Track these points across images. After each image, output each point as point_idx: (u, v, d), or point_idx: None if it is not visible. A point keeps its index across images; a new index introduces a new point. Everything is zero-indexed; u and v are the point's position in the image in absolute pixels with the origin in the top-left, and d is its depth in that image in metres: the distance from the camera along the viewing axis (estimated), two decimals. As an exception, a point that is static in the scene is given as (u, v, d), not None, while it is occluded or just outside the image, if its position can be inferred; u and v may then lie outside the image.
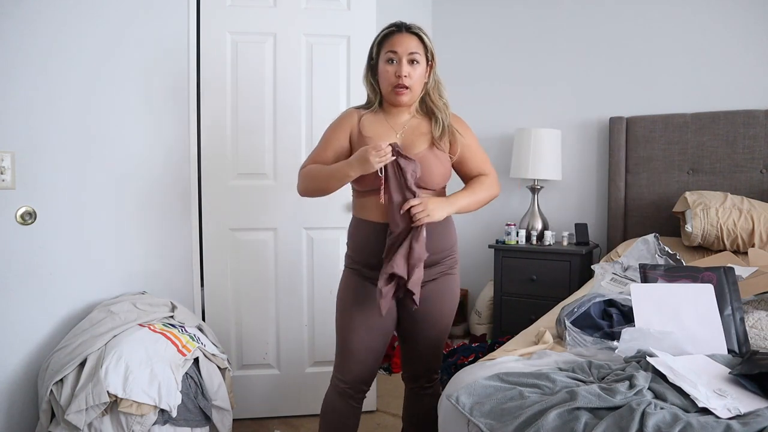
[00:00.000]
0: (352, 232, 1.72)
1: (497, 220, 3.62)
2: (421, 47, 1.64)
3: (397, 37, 1.63)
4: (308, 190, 1.71)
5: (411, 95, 1.65)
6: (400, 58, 1.61)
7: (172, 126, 2.32)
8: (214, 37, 2.34)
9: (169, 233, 2.34)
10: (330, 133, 1.71)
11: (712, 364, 1.31)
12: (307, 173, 1.69)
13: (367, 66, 1.71)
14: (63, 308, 1.99)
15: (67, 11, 1.95)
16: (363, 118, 1.69)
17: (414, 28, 1.65)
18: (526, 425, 1.12)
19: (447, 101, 1.72)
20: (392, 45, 1.62)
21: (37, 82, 1.88)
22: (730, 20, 2.96)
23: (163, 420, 1.75)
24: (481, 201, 1.74)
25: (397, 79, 1.61)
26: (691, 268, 1.69)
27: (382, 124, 1.68)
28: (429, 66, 1.68)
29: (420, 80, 1.65)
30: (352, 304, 1.67)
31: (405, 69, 1.60)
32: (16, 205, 1.84)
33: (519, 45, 3.55)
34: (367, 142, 1.62)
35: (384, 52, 1.63)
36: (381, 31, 1.67)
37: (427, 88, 1.69)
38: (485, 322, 3.49)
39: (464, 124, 1.76)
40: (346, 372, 1.69)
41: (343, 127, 1.70)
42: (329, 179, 1.63)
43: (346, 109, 1.79)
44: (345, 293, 1.71)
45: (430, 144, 1.66)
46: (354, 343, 1.67)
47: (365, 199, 1.64)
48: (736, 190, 2.83)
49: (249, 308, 2.44)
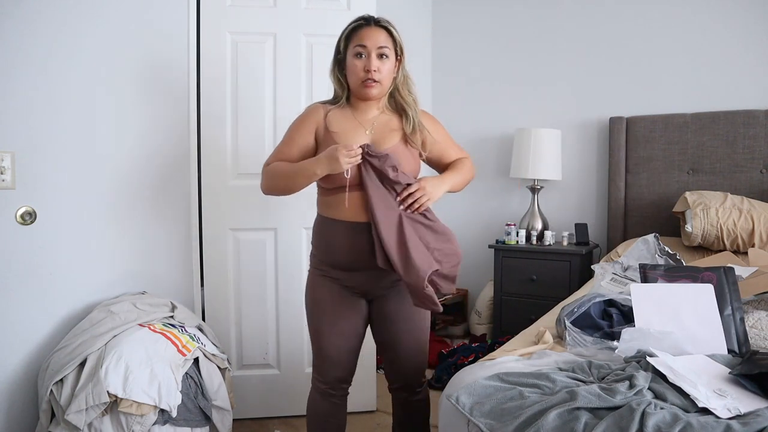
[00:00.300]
0: (317, 231, 1.68)
1: (497, 220, 3.63)
2: (390, 41, 1.60)
3: (365, 30, 1.58)
4: (273, 189, 1.66)
5: (380, 89, 1.60)
6: (369, 52, 1.56)
7: (172, 126, 2.32)
8: (214, 37, 2.34)
9: (169, 233, 2.34)
10: (295, 129, 1.66)
11: (712, 364, 1.31)
12: (272, 171, 1.63)
13: (334, 60, 1.67)
14: (63, 308, 1.99)
15: (67, 11, 1.94)
16: (329, 114, 1.64)
17: (383, 22, 1.61)
18: (526, 425, 1.12)
19: (416, 97, 1.68)
20: (361, 39, 1.58)
21: (37, 82, 1.88)
22: (730, 20, 2.96)
23: (163, 420, 1.74)
24: (466, 181, 1.74)
25: (366, 74, 1.57)
26: (691, 268, 1.69)
27: (349, 119, 1.64)
28: (398, 60, 1.64)
29: (389, 75, 1.61)
30: (321, 308, 1.64)
31: (374, 63, 1.56)
32: (16, 205, 1.84)
33: (519, 45, 3.55)
34: (335, 139, 1.58)
35: (352, 46, 1.59)
36: (349, 24, 1.63)
37: (396, 83, 1.65)
38: (485, 322, 3.49)
39: (433, 119, 1.74)
40: (324, 374, 1.68)
41: (309, 122, 1.65)
42: (295, 177, 1.57)
43: (311, 104, 1.73)
44: (312, 297, 1.68)
45: (401, 140, 1.63)
46: (328, 347, 1.65)
47: (332, 197, 1.60)
48: (736, 190, 2.83)
49: (249, 308, 2.44)
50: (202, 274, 2.43)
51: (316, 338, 1.68)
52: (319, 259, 1.67)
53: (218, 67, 2.34)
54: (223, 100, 2.36)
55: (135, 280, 2.22)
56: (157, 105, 2.27)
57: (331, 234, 1.61)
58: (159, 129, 2.28)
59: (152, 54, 2.23)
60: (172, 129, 2.32)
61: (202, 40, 2.33)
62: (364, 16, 1.62)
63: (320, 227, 1.66)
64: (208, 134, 2.36)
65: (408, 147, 1.63)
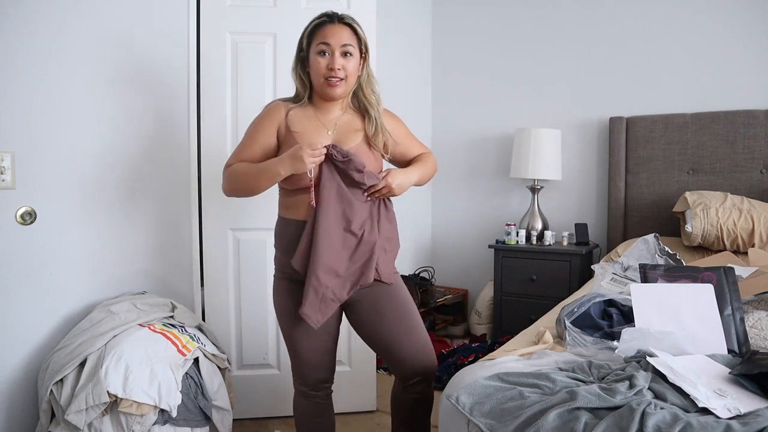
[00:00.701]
0: (279, 233, 1.65)
1: (497, 220, 3.63)
2: (354, 39, 1.57)
3: (329, 28, 1.55)
4: (236, 190, 1.62)
5: (345, 87, 1.57)
6: (333, 50, 1.53)
7: (172, 126, 2.32)
8: (214, 37, 2.34)
9: (169, 233, 2.34)
10: (256, 129, 1.62)
11: (712, 364, 1.31)
12: (234, 172, 1.59)
13: (296, 58, 1.63)
14: (63, 308, 1.99)
15: (67, 11, 1.94)
16: (291, 113, 1.61)
17: (347, 19, 1.58)
18: (526, 425, 1.12)
19: (379, 96, 1.66)
20: (324, 36, 1.54)
21: (37, 82, 1.88)
22: (730, 20, 2.96)
23: (163, 420, 1.75)
24: (430, 176, 1.73)
25: (330, 72, 1.54)
26: (691, 268, 1.69)
27: (311, 119, 1.61)
28: (363, 59, 1.62)
29: (354, 73, 1.58)
30: (289, 313, 1.62)
31: (338, 62, 1.53)
32: (16, 205, 1.84)
33: (519, 45, 3.55)
34: (296, 139, 1.56)
35: (315, 44, 1.55)
36: (311, 21, 1.59)
37: (360, 81, 1.62)
38: (485, 322, 3.49)
39: (394, 117, 1.72)
40: (304, 376, 1.68)
41: (270, 121, 1.61)
42: (259, 178, 1.53)
43: (271, 102, 1.69)
44: (280, 303, 1.66)
45: (363, 140, 1.61)
46: (302, 350, 1.64)
47: (294, 198, 1.58)
48: (736, 190, 2.83)
49: (249, 308, 2.44)
50: (202, 274, 2.43)
51: (290, 343, 1.66)
52: (283, 263, 1.64)
53: (218, 67, 2.34)
54: (223, 100, 2.36)
55: (135, 280, 2.22)
56: (157, 105, 2.27)
57: (294, 235, 1.57)
58: (159, 129, 2.28)
59: (152, 54, 2.24)
60: (172, 129, 2.32)
61: (202, 40, 2.33)
62: (328, 13, 1.58)
63: (282, 229, 1.64)
64: (209, 134, 2.36)
65: (370, 148, 1.62)
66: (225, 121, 2.37)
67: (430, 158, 1.76)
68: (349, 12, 2.41)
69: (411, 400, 1.70)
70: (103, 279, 2.11)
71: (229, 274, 2.42)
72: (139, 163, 2.22)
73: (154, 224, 2.29)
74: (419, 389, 1.68)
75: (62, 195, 1.97)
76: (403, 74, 3.57)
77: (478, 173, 3.74)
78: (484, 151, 3.69)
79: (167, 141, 2.31)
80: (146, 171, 2.25)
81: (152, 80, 2.25)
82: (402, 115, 1.78)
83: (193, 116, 2.36)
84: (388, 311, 1.63)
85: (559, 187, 3.46)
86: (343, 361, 2.43)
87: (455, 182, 3.81)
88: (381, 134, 1.62)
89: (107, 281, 2.13)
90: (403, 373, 1.68)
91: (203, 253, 2.41)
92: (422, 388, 1.68)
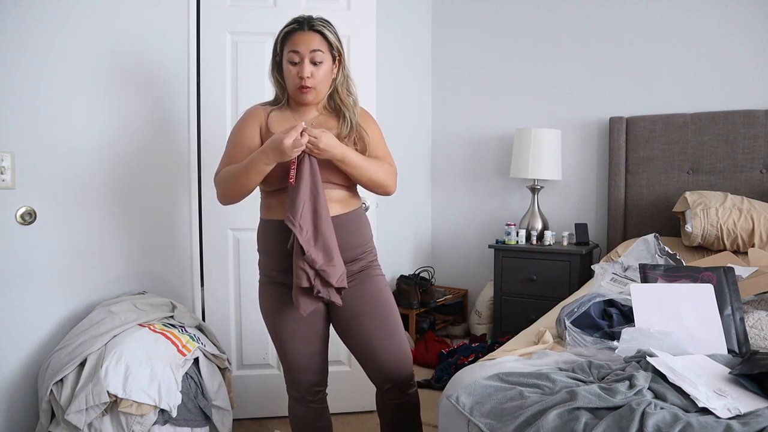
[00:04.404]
0: (262, 236, 1.65)
1: (497, 220, 3.63)
2: (324, 44, 1.56)
3: (298, 35, 1.55)
4: (229, 194, 1.60)
5: (315, 94, 1.59)
6: (303, 57, 1.54)
7: (172, 126, 2.32)
8: (214, 37, 2.33)
9: (169, 233, 2.34)
10: (240, 132, 1.63)
11: (712, 364, 1.31)
12: (223, 176, 1.60)
13: (272, 62, 1.64)
14: (63, 308, 1.99)
15: (67, 11, 1.94)
16: (270, 115, 1.63)
17: (317, 26, 1.56)
18: (526, 425, 1.12)
19: (356, 97, 1.66)
20: (294, 44, 1.55)
21: (37, 83, 1.88)
22: (730, 20, 2.96)
23: (163, 420, 1.75)
24: (372, 176, 1.60)
25: (300, 80, 1.55)
26: (691, 268, 1.69)
27: (289, 121, 1.61)
28: (337, 62, 1.61)
29: (324, 79, 1.58)
30: (276, 316, 1.62)
31: (307, 70, 1.54)
32: (16, 205, 1.84)
33: (519, 45, 3.55)
34: None
35: (287, 51, 1.56)
36: (283, 27, 1.60)
37: (336, 84, 1.63)
38: (485, 322, 3.49)
39: (370, 119, 1.72)
40: (297, 381, 1.67)
41: (252, 124, 1.62)
42: (248, 173, 1.52)
43: (251, 107, 1.70)
44: (267, 307, 1.65)
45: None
46: (292, 355, 1.63)
47: (273, 199, 1.59)
48: (736, 190, 2.84)
49: (249, 308, 2.44)
50: (202, 274, 2.43)
51: (279, 348, 1.65)
52: (267, 266, 1.64)
53: (218, 67, 2.34)
54: (223, 100, 2.36)
55: (135, 280, 2.22)
56: (157, 105, 2.27)
57: (276, 235, 1.57)
58: (159, 129, 2.28)
59: (152, 54, 2.24)
60: (172, 129, 2.32)
61: (202, 40, 2.33)
62: (298, 19, 1.58)
63: (265, 231, 1.63)
64: (208, 134, 2.36)
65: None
66: (225, 121, 2.37)
67: (384, 166, 1.66)
68: (349, 12, 2.42)
69: (391, 405, 1.71)
70: (103, 279, 2.11)
71: (229, 274, 2.42)
72: (139, 163, 2.22)
73: (154, 224, 2.29)
74: (393, 395, 1.68)
75: (62, 195, 1.97)
76: (403, 74, 3.57)
77: (478, 173, 3.74)
78: (484, 151, 3.69)
79: (167, 141, 2.31)
80: (146, 171, 2.25)
81: (152, 80, 2.25)
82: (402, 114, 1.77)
83: (193, 116, 2.36)
84: (367, 312, 1.62)
85: (559, 187, 3.46)
86: (343, 361, 2.43)
87: (455, 182, 3.81)
88: (354, 133, 1.62)
89: (107, 281, 2.13)
90: (376, 379, 1.69)
91: (203, 253, 2.41)
92: (397, 395, 1.68)
